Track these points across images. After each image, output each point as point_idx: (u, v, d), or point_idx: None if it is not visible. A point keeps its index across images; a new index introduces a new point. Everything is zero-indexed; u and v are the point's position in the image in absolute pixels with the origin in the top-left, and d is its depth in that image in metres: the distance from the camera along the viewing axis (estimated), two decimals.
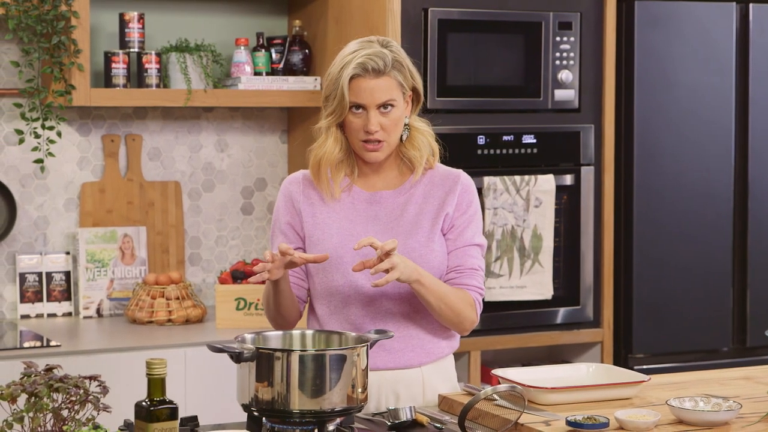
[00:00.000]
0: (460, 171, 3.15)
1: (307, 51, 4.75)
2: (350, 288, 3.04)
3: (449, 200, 3.09)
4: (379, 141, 3.01)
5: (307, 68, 4.75)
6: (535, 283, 4.56)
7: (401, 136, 3.08)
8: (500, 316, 4.56)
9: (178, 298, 4.45)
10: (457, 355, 4.60)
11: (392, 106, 3.01)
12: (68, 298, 4.59)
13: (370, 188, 3.10)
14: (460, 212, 3.10)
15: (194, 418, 2.73)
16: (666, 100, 4.75)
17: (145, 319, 4.42)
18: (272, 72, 4.71)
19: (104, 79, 4.50)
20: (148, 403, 2.36)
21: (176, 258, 4.76)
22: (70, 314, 4.58)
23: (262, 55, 4.68)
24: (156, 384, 2.35)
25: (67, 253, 4.61)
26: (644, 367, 4.67)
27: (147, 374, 2.37)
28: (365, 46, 3.02)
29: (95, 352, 4.06)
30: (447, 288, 3.02)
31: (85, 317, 4.55)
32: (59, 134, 4.45)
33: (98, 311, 4.57)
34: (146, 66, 4.49)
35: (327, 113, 3.04)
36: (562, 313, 4.68)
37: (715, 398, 2.81)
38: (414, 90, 3.08)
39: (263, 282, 3.00)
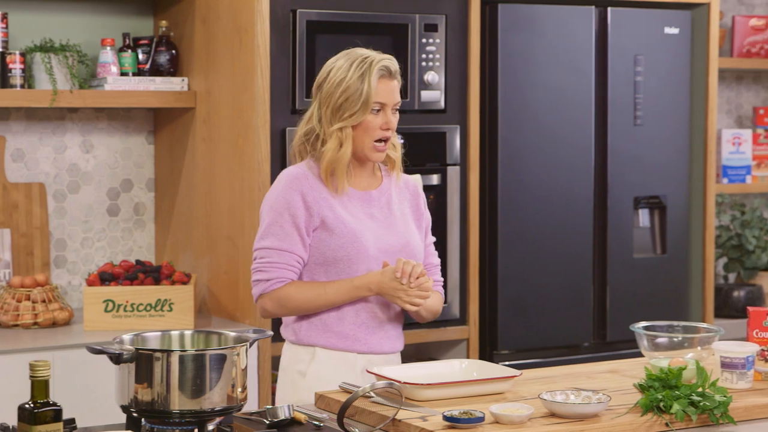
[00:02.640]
0: (413, 175, 3.54)
1: (173, 51, 4.73)
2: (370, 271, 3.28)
3: (419, 203, 3.43)
4: (387, 140, 3.28)
5: (174, 69, 4.73)
6: None
7: None
8: None
9: (44, 301, 4.39)
10: None
11: (398, 107, 3.30)
12: None
13: (356, 186, 3.32)
14: (427, 214, 3.44)
15: (72, 421, 2.71)
16: (529, 100, 4.84)
17: (11, 322, 4.35)
18: (139, 72, 4.68)
19: None
20: (32, 405, 2.34)
21: (41, 260, 4.69)
22: None
23: (128, 55, 4.65)
24: (40, 386, 2.34)
25: None
26: (509, 363, 4.74)
27: (30, 376, 2.35)
28: (368, 52, 3.29)
29: None
30: (436, 297, 3.37)
31: None
32: None
33: None
34: (10, 66, 4.43)
35: (346, 115, 3.24)
36: None
37: (585, 391, 2.89)
38: None
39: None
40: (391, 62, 3.29)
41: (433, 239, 3.50)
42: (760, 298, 5.63)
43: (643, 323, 3.38)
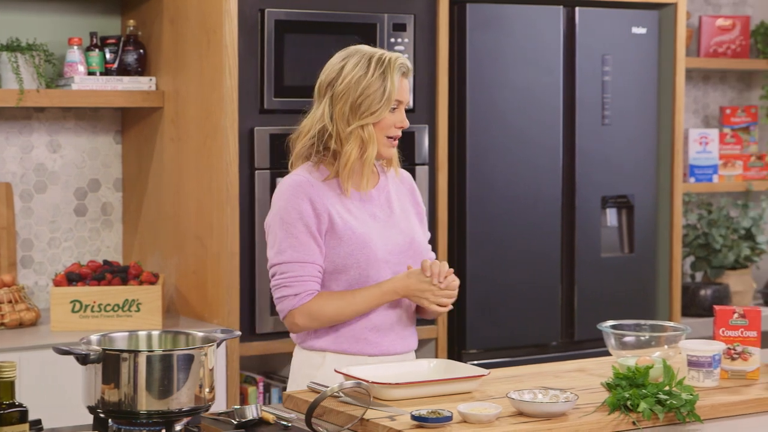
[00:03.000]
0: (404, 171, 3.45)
1: (141, 51, 4.72)
2: (379, 275, 3.25)
3: (416, 198, 3.42)
4: (398, 137, 3.29)
5: (142, 68, 4.72)
6: None
7: None
8: None
9: (10, 302, 4.37)
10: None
11: (407, 106, 3.33)
12: None
13: (356, 187, 3.28)
14: (424, 210, 3.45)
15: (38, 422, 2.70)
16: (497, 100, 4.85)
17: None
18: (106, 72, 4.66)
19: None
20: None
21: (8, 260, 4.67)
22: None
23: (95, 54, 4.63)
24: (6, 387, 2.33)
25: None
26: (477, 362, 4.75)
27: None
28: (378, 50, 3.25)
29: None
30: None
31: None
32: None
33: None
34: None
35: (367, 113, 3.21)
36: None
37: (552, 390, 2.89)
38: None
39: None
40: (406, 60, 3.27)
41: (428, 235, 3.46)
42: (726, 296, 5.66)
43: (611, 322, 3.39)
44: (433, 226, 4.76)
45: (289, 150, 3.34)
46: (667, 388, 2.89)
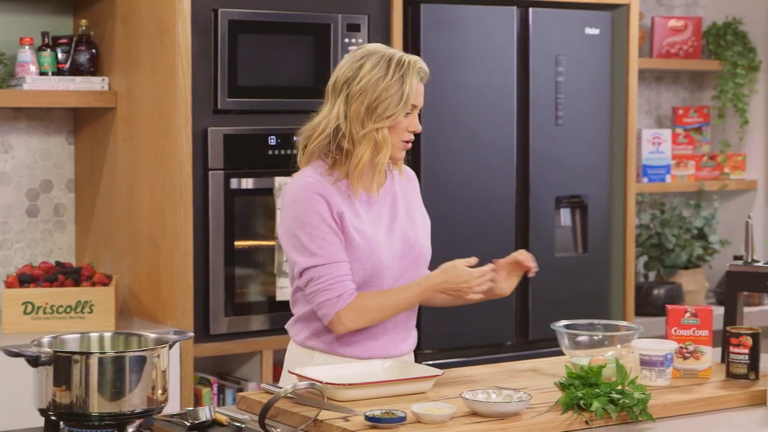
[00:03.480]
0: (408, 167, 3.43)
1: (94, 51, 4.69)
2: (381, 281, 3.22)
3: (419, 196, 3.39)
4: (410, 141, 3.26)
5: (94, 68, 4.69)
6: None
7: None
8: (290, 315, 4.58)
9: None
10: (249, 355, 4.62)
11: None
12: None
13: (364, 189, 3.25)
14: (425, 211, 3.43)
15: None
16: (451, 100, 4.86)
17: None
18: (58, 72, 4.63)
19: None
20: None
21: None
22: None
23: (47, 54, 4.60)
24: None
25: None
26: (432, 362, 4.75)
27: None
28: (397, 51, 3.21)
29: None
30: None
31: None
32: None
33: None
34: None
35: (384, 116, 3.16)
36: None
37: (506, 390, 2.90)
38: None
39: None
40: (424, 64, 3.24)
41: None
42: (679, 296, 5.69)
43: (564, 322, 3.41)
44: None
45: (298, 145, 3.28)
46: (619, 387, 2.90)
